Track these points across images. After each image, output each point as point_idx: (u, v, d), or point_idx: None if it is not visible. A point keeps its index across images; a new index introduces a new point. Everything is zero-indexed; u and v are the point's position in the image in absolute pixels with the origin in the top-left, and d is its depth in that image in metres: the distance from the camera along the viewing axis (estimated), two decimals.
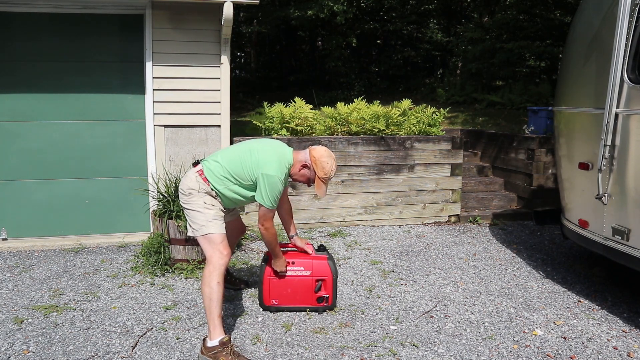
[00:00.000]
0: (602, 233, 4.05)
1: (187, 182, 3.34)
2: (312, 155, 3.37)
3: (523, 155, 7.07)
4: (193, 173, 3.36)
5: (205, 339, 3.15)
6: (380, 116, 6.45)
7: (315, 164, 3.35)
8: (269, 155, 3.29)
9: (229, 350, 3.06)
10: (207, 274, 3.14)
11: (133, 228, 5.59)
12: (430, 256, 5.23)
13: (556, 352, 3.33)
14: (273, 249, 3.57)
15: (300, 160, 3.38)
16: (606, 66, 3.85)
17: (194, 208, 3.29)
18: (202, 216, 3.26)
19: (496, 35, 12.32)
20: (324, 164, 3.35)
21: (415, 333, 3.57)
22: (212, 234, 3.23)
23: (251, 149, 3.34)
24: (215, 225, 3.26)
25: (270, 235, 3.44)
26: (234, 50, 16.48)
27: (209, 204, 3.30)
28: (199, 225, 3.26)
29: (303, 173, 3.40)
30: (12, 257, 5.05)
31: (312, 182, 3.45)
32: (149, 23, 5.26)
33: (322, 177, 3.37)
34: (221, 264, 3.17)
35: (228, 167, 3.31)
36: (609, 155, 3.90)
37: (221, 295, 3.14)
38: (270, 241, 3.49)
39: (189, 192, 3.31)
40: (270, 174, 3.22)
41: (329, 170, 3.37)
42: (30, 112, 5.27)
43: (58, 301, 4.01)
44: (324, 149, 3.42)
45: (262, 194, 3.25)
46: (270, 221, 3.37)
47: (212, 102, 5.49)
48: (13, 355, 3.20)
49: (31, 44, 5.21)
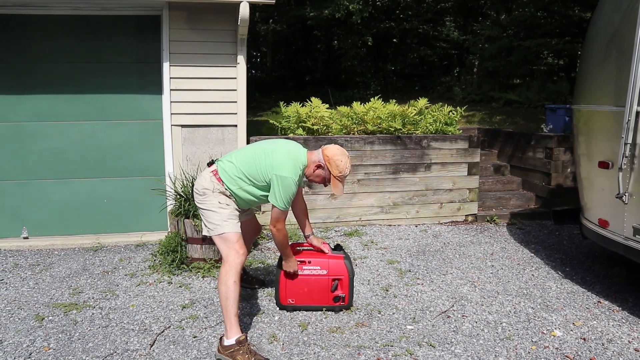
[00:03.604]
0: (622, 233, 3.99)
1: (202, 182, 3.36)
2: (325, 154, 3.36)
3: (541, 154, 6.98)
4: (207, 173, 3.37)
5: (222, 338, 3.16)
6: (397, 115, 6.43)
7: (329, 163, 3.35)
8: (283, 157, 3.29)
9: (245, 349, 3.07)
10: (224, 273, 3.15)
11: (151, 227, 5.64)
12: (447, 256, 5.20)
13: (575, 353, 3.29)
14: (283, 250, 3.57)
15: (314, 161, 3.37)
16: (627, 63, 3.79)
17: (208, 208, 3.30)
18: (217, 216, 3.27)
19: (513, 33, 12.20)
20: (338, 162, 3.34)
21: (432, 333, 3.55)
22: (227, 233, 3.23)
23: (265, 150, 3.34)
24: (231, 225, 3.27)
25: (282, 237, 3.44)
26: (250, 49, 16.54)
27: (223, 204, 3.31)
28: (214, 225, 3.27)
29: (318, 173, 3.40)
30: (32, 255, 5.13)
31: (327, 181, 3.44)
32: (166, 24, 5.30)
33: (338, 176, 3.36)
34: (237, 262, 3.18)
35: (242, 167, 3.32)
36: (629, 153, 3.83)
37: (237, 294, 3.14)
38: (282, 242, 3.49)
39: (203, 192, 3.33)
40: (284, 175, 3.22)
41: (343, 168, 3.35)
42: (49, 113, 5.35)
43: (77, 299, 4.06)
44: (337, 147, 3.41)
45: (275, 195, 3.24)
46: (282, 222, 3.37)
47: (228, 102, 5.51)
48: (34, 351, 3.25)
49: (50, 45, 5.28)
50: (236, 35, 5.32)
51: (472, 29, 15.36)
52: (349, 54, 14.11)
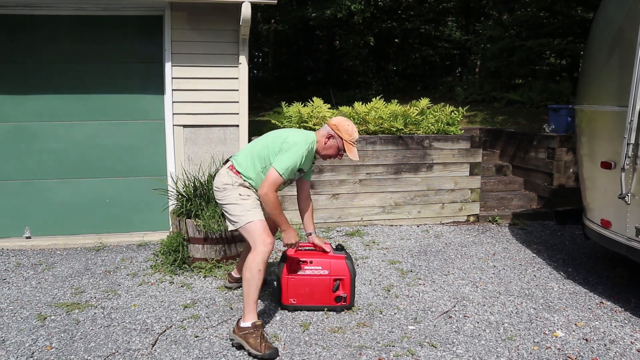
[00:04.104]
0: (625, 233, 3.98)
1: (221, 179, 3.45)
2: (331, 125, 3.47)
3: (543, 154, 6.98)
4: (224, 170, 3.48)
5: (239, 320, 3.28)
6: (399, 115, 6.43)
7: (338, 130, 3.43)
8: (294, 131, 3.48)
9: (258, 334, 3.19)
10: (251, 260, 3.25)
11: (152, 227, 5.65)
12: (448, 256, 5.19)
13: (578, 354, 3.29)
14: (276, 217, 3.36)
15: (324, 134, 3.47)
16: (629, 63, 3.78)
17: (230, 202, 3.38)
18: (240, 207, 3.35)
19: (515, 33, 12.18)
20: (346, 126, 3.44)
21: (433, 333, 3.55)
22: (252, 222, 3.31)
23: (274, 132, 3.50)
24: (254, 213, 3.34)
25: (271, 202, 3.28)
26: (251, 50, 16.54)
27: (244, 195, 3.38)
28: (238, 217, 3.35)
29: (330, 144, 3.47)
30: (35, 255, 5.14)
31: (342, 150, 3.50)
32: (168, 24, 5.30)
33: (350, 140, 3.44)
34: (265, 251, 3.25)
35: (255, 152, 3.43)
36: (632, 154, 3.82)
37: (260, 282, 3.25)
38: (273, 208, 3.31)
39: (223, 188, 3.41)
40: (292, 141, 3.32)
41: (352, 130, 3.45)
42: (52, 113, 5.36)
43: (80, 299, 4.07)
44: (339, 116, 3.53)
45: (278, 158, 3.30)
46: (273, 188, 3.26)
47: (230, 102, 5.52)
48: (37, 351, 3.26)
49: (53, 46, 5.29)
50: (238, 35, 5.33)
51: (474, 29, 15.34)
52: (350, 54, 14.10)
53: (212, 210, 4.65)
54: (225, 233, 4.67)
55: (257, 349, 3.13)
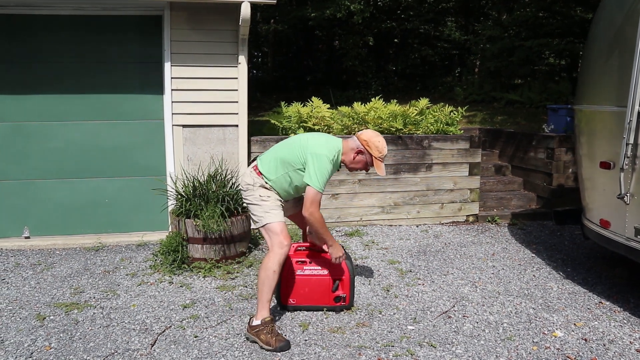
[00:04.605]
0: (624, 233, 3.98)
1: (245, 179, 3.56)
2: (362, 139, 3.46)
3: (542, 154, 6.98)
4: (249, 169, 3.57)
5: (251, 319, 3.39)
6: (398, 115, 6.43)
7: (368, 147, 3.44)
8: (319, 138, 3.49)
9: (269, 329, 3.29)
10: (267, 260, 3.34)
11: (152, 227, 5.65)
12: (448, 256, 5.20)
13: (577, 354, 3.29)
14: (323, 234, 3.47)
15: (353, 148, 3.48)
16: (629, 63, 3.79)
17: (252, 202, 3.48)
18: (260, 208, 3.45)
19: (515, 33, 12.18)
20: (377, 143, 3.44)
21: (433, 333, 3.55)
22: (271, 223, 3.39)
23: (300, 137, 3.54)
24: (273, 215, 3.42)
25: (317, 221, 3.39)
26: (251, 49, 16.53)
27: (264, 196, 3.47)
28: (259, 217, 3.45)
29: (359, 159, 3.50)
30: (34, 255, 5.14)
31: (369, 165, 3.54)
32: (167, 24, 5.30)
33: (379, 157, 3.46)
34: (281, 252, 3.34)
35: (278, 154, 3.48)
36: (631, 154, 3.83)
37: (275, 282, 3.34)
38: (319, 227, 3.42)
39: (246, 188, 3.52)
40: (319, 153, 3.34)
41: (382, 148, 3.46)
42: (51, 113, 5.36)
43: (79, 299, 4.07)
44: (371, 130, 3.54)
45: (310, 173, 3.33)
46: (317, 206, 3.37)
47: (229, 102, 5.52)
48: (36, 351, 3.26)
49: (52, 45, 5.29)
50: (237, 35, 5.33)
51: (473, 29, 15.34)
52: (350, 54, 14.10)
53: (212, 210, 4.65)
54: (225, 233, 4.67)
55: (268, 344, 3.25)
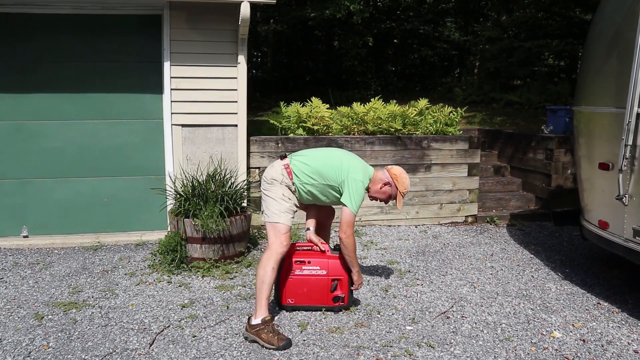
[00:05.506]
0: (622, 234, 3.99)
1: (272, 173, 3.59)
2: (392, 173, 3.67)
3: (541, 155, 6.98)
4: (280, 165, 3.59)
5: (250, 318, 3.40)
6: (397, 116, 6.43)
7: (396, 181, 3.64)
8: (358, 163, 3.63)
9: (269, 328, 3.31)
10: (265, 258, 3.41)
11: (150, 226, 5.64)
12: (446, 256, 5.20)
13: (575, 354, 3.29)
14: (352, 259, 3.64)
15: (382, 179, 3.65)
16: (627, 65, 3.79)
17: (272, 196, 3.54)
18: (278, 205, 3.51)
19: (514, 34, 12.19)
20: (404, 179, 3.67)
21: (431, 334, 3.55)
22: (281, 224, 3.48)
23: (340, 157, 3.61)
24: (286, 217, 3.51)
25: (350, 245, 3.56)
26: (250, 49, 16.51)
27: (286, 197, 3.54)
28: (272, 213, 3.51)
29: (385, 190, 3.67)
30: (32, 254, 5.13)
31: (392, 198, 3.71)
32: (166, 23, 5.30)
33: (402, 192, 3.67)
34: (279, 252, 3.44)
35: (317, 167, 3.55)
36: (630, 155, 3.83)
37: (273, 280, 3.41)
38: (350, 251, 3.59)
39: (271, 182, 3.56)
40: (358, 179, 3.51)
41: (407, 185, 3.70)
42: (50, 112, 5.35)
43: (77, 298, 4.06)
44: (399, 167, 3.72)
45: (349, 196, 3.48)
46: (352, 228, 3.55)
47: (229, 102, 5.52)
48: (34, 350, 3.25)
49: (52, 44, 5.29)
50: (237, 35, 5.33)
51: (472, 29, 15.35)
52: (349, 54, 14.09)
53: (210, 210, 4.65)
54: (223, 233, 4.67)
55: (270, 343, 3.26)
